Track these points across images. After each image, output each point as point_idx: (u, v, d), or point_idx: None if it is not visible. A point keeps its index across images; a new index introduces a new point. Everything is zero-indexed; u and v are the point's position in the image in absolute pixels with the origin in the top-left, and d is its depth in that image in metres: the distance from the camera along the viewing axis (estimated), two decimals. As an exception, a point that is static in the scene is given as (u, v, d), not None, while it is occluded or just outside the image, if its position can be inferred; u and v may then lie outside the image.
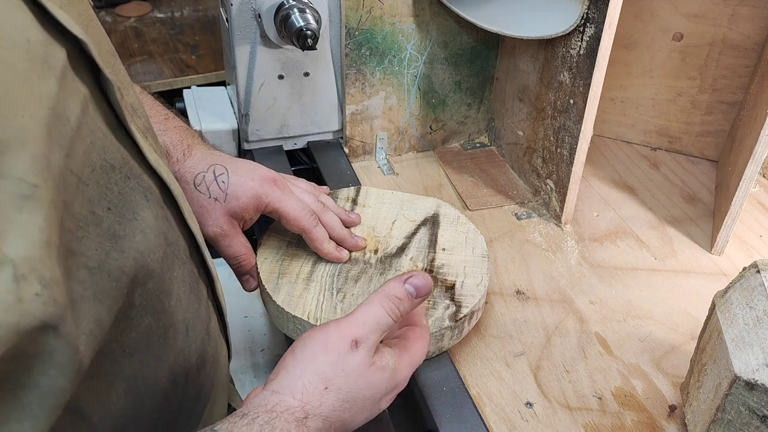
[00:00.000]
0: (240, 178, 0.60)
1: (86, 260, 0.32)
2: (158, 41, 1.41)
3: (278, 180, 0.61)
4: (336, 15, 0.79)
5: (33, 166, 0.27)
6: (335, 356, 0.44)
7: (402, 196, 0.73)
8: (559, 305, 0.68)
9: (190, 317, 0.46)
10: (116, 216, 0.35)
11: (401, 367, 0.48)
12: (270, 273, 0.62)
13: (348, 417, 0.44)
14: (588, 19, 0.67)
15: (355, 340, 0.45)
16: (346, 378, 0.44)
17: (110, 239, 0.34)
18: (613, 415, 0.56)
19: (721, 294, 0.52)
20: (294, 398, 0.42)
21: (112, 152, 0.36)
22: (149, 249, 0.38)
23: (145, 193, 0.39)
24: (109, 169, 0.35)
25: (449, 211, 0.71)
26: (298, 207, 0.60)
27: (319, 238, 0.62)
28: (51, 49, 0.31)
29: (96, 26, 0.40)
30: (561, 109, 0.74)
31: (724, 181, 0.80)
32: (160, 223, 0.41)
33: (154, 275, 0.39)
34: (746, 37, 0.82)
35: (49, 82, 0.30)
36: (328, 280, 0.62)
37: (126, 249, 0.35)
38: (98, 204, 0.34)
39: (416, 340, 0.50)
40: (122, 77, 0.42)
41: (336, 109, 0.87)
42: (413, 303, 0.48)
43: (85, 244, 0.32)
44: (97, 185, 0.34)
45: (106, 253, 0.34)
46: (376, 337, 0.46)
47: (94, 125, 0.34)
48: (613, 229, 0.79)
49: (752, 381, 0.44)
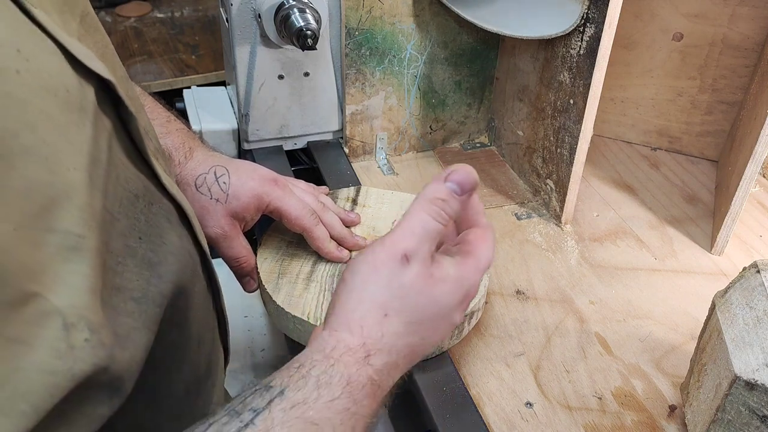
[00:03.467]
0: (240, 178, 0.60)
1: (131, 293, 0.33)
2: (158, 41, 1.41)
3: (279, 180, 0.61)
4: (336, 15, 0.79)
5: (80, 217, 0.28)
6: (388, 277, 0.40)
7: (402, 196, 0.73)
8: (559, 305, 0.68)
9: (201, 329, 0.46)
10: (148, 244, 0.35)
11: (467, 273, 0.43)
12: (270, 273, 0.62)
13: (418, 340, 0.41)
14: (588, 19, 0.67)
15: (405, 255, 0.41)
16: (404, 299, 0.40)
17: (148, 268, 0.35)
18: (613, 415, 0.56)
19: (721, 294, 0.52)
20: (353, 334, 0.39)
21: (134, 182, 0.36)
22: (181, 269, 0.39)
23: (168, 216, 0.40)
24: (133, 199, 0.35)
25: None
26: (299, 206, 0.60)
27: (320, 237, 0.62)
28: (84, 92, 0.31)
29: (110, 52, 0.40)
30: (561, 109, 0.74)
31: (724, 181, 0.80)
32: (184, 243, 0.41)
33: (184, 292, 0.39)
34: (746, 37, 0.82)
35: (86, 127, 0.30)
36: (329, 280, 0.62)
37: (163, 274, 0.36)
38: (130, 236, 0.34)
39: (478, 242, 0.45)
40: (135, 100, 0.41)
41: (336, 109, 0.87)
42: (460, 201, 0.43)
43: (126, 277, 0.33)
44: (126, 218, 0.34)
45: (147, 281, 0.34)
46: (427, 247, 0.42)
47: (117, 158, 0.34)
48: (613, 229, 0.79)
49: (752, 381, 0.44)
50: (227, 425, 0.33)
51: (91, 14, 0.38)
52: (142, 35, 1.44)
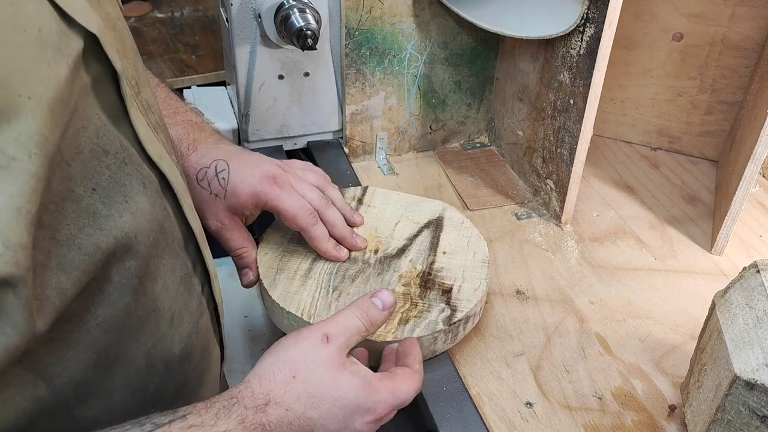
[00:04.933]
0: (240, 174, 0.60)
1: (54, 233, 0.34)
2: (158, 41, 1.41)
3: (279, 177, 0.61)
4: (336, 15, 0.79)
5: (17, 140, 0.30)
6: (305, 348, 0.45)
7: (408, 198, 0.73)
8: (559, 305, 0.68)
9: (177, 308, 0.46)
10: (101, 197, 0.37)
11: (380, 387, 0.47)
12: (269, 268, 0.62)
13: (315, 416, 0.44)
14: (588, 19, 0.67)
15: (326, 335, 0.46)
16: (314, 369, 0.44)
17: (88, 216, 0.36)
18: (613, 415, 0.56)
19: (721, 294, 0.53)
20: (260, 384, 0.43)
21: (109, 139, 0.38)
22: (137, 231, 0.40)
23: (144, 180, 0.41)
24: (101, 153, 0.37)
25: (454, 215, 0.71)
26: (297, 205, 0.60)
27: (318, 237, 0.62)
28: (66, 39, 0.33)
29: (122, 26, 0.42)
30: (561, 109, 0.74)
31: (724, 181, 0.80)
32: (157, 211, 0.42)
33: (137, 256, 0.40)
34: (746, 37, 0.82)
35: (60, 68, 0.33)
36: (326, 277, 0.62)
37: (106, 227, 0.37)
38: (80, 184, 0.35)
39: (403, 376, 0.49)
40: (142, 74, 0.44)
41: (336, 109, 0.87)
42: (382, 314, 0.51)
43: (56, 218, 0.34)
44: (82, 167, 0.35)
45: (80, 228, 0.35)
46: (347, 337, 0.47)
47: (90, 112, 0.36)
48: (613, 229, 0.79)
49: (752, 381, 0.44)
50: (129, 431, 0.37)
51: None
52: (142, 35, 1.44)
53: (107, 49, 0.37)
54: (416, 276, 0.63)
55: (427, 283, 0.62)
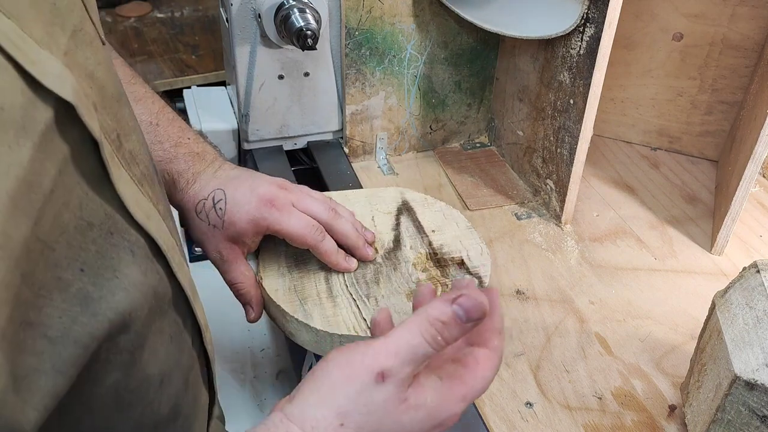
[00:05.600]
0: (237, 203, 0.58)
1: (45, 330, 0.30)
2: (158, 41, 1.41)
3: (276, 199, 0.58)
4: (336, 15, 0.79)
5: None
6: (357, 389, 0.38)
7: (364, 192, 0.73)
8: (559, 305, 0.68)
9: (167, 368, 0.42)
10: (90, 277, 0.33)
11: (447, 403, 0.41)
12: (290, 302, 0.59)
13: None
14: (588, 19, 0.67)
15: (381, 373, 0.38)
16: (368, 416, 0.38)
17: (80, 303, 0.32)
18: (613, 415, 0.56)
19: (721, 294, 0.53)
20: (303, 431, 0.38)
21: (92, 209, 0.33)
22: (132, 307, 0.36)
23: (132, 247, 0.37)
24: (86, 227, 0.33)
25: (415, 196, 0.71)
26: (300, 225, 0.58)
27: (328, 251, 0.59)
28: (32, 112, 0.29)
29: (104, 69, 0.38)
30: (561, 109, 0.74)
31: (724, 181, 0.80)
32: (149, 278, 0.38)
33: (129, 331, 0.36)
34: (746, 37, 0.82)
35: (21, 150, 0.28)
36: (351, 290, 0.60)
37: (100, 312, 0.33)
38: (68, 267, 0.31)
39: (477, 368, 0.42)
40: (125, 122, 0.39)
41: (336, 109, 0.87)
42: (463, 328, 0.40)
43: (45, 313, 0.30)
44: (68, 247, 0.31)
45: (73, 319, 0.31)
46: (409, 370, 0.39)
47: (72, 183, 0.32)
48: (613, 229, 0.79)
49: (752, 381, 0.44)
50: None
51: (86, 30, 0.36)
52: (142, 35, 1.44)
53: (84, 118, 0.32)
54: (426, 259, 0.63)
55: (440, 262, 0.63)
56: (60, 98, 0.30)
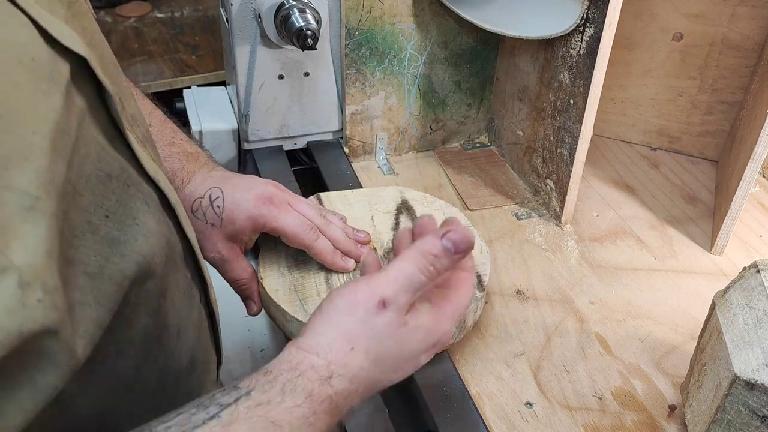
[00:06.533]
0: (235, 200, 0.58)
1: (85, 267, 0.33)
2: (158, 41, 1.41)
3: (274, 197, 0.59)
4: (336, 15, 0.79)
5: (36, 179, 0.29)
6: (362, 316, 0.43)
7: (363, 192, 0.73)
8: (559, 305, 0.68)
9: (182, 321, 0.45)
10: (115, 223, 0.36)
11: (440, 321, 0.46)
12: (291, 302, 0.59)
13: (379, 375, 0.43)
14: (588, 19, 0.67)
15: (382, 300, 0.43)
16: (373, 339, 0.43)
17: (110, 245, 0.35)
18: (613, 415, 0.56)
19: (721, 294, 0.53)
20: (319, 356, 0.41)
21: (109, 162, 0.37)
22: (152, 252, 0.39)
23: (146, 199, 0.40)
24: (105, 178, 0.36)
25: (414, 195, 0.72)
26: (296, 223, 0.59)
27: (323, 251, 0.60)
28: (56, 66, 0.32)
29: (99, 39, 0.41)
30: (561, 109, 0.74)
31: (724, 181, 0.80)
32: (162, 228, 0.41)
33: (154, 276, 0.39)
34: (746, 37, 0.82)
35: (54, 97, 0.31)
36: None
37: (128, 253, 0.36)
38: (94, 213, 0.35)
39: (459, 287, 0.47)
40: (123, 88, 0.42)
41: (336, 109, 0.87)
42: (452, 260, 0.45)
43: (82, 251, 0.33)
44: (92, 195, 0.35)
45: (106, 258, 0.34)
46: (407, 298, 0.44)
47: (89, 136, 0.35)
48: (613, 229, 0.79)
49: (752, 381, 0.44)
50: (195, 415, 0.35)
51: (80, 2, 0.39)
52: (142, 35, 1.44)
53: (97, 70, 0.36)
54: None
55: None
56: (74, 55, 0.33)
